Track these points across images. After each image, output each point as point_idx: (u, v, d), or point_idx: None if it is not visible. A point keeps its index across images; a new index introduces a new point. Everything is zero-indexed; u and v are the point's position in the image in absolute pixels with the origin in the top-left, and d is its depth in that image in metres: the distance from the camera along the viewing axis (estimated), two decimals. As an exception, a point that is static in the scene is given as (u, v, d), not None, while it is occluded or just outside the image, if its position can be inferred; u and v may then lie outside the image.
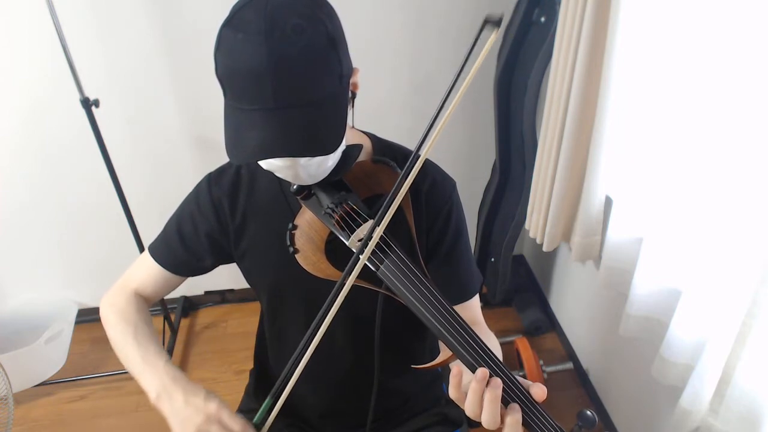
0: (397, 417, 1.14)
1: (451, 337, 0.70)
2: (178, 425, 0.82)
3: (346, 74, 0.75)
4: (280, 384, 0.78)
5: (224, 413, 0.82)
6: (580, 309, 2.06)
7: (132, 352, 0.92)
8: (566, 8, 1.42)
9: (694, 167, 1.20)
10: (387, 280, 0.75)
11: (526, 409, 0.67)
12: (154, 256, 1.00)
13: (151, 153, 2.03)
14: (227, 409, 0.83)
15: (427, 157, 0.75)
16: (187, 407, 0.83)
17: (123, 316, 0.96)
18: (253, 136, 0.69)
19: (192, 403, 0.83)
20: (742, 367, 1.10)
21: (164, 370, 0.88)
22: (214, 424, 0.80)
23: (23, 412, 2.03)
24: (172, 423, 0.83)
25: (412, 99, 2.05)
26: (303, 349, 0.75)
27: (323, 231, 0.83)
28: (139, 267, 1.03)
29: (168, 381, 0.86)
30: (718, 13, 1.09)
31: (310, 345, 0.75)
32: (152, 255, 1.01)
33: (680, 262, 1.27)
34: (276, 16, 0.67)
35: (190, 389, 0.85)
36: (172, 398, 0.84)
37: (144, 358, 0.90)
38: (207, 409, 0.82)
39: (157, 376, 0.87)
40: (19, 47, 1.76)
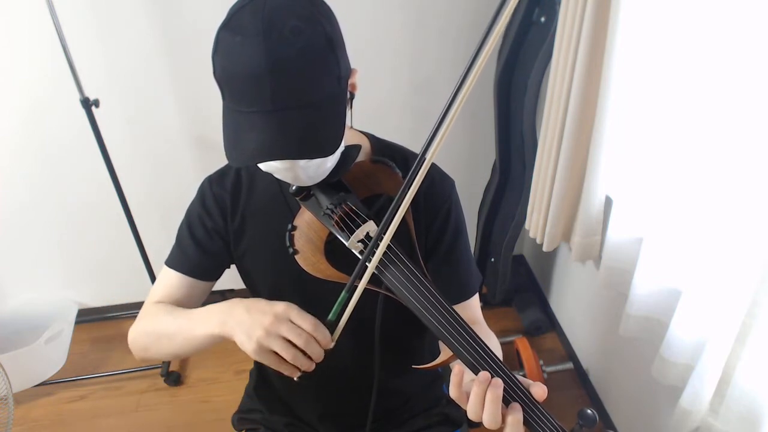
0: (397, 417, 1.14)
1: (451, 338, 0.71)
2: (245, 335, 0.73)
3: (345, 75, 0.75)
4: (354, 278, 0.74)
5: (293, 312, 0.74)
6: (580, 309, 2.06)
7: (174, 324, 0.87)
8: (566, 8, 1.42)
9: (694, 167, 1.19)
10: (387, 281, 0.75)
11: (527, 408, 0.67)
12: (172, 266, 0.97)
13: (151, 153, 2.03)
14: (296, 307, 0.75)
15: None
16: (251, 313, 0.75)
17: (151, 317, 0.93)
18: (251, 138, 0.69)
19: (255, 309, 0.75)
20: (742, 367, 1.10)
21: (215, 306, 0.82)
22: (284, 323, 0.72)
23: (23, 412, 2.03)
24: (239, 338, 0.75)
25: (411, 99, 2.05)
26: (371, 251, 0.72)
27: (322, 232, 0.83)
28: (160, 284, 0.99)
29: (224, 307, 0.80)
30: (718, 13, 1.09)
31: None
32: (170, 266, 0.98)
33: (680, 262, 1.27)
34: (274, 17, 0.67)
35: (250, 301, 0.78)
36: (234, 314, 0.77)
37: (189, 317, 0.85)
38: (274, 309, 0.74)
39: (210, 313, 0.82)
40: (19, 47, 1.76)
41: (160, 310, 0.93)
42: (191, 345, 0.85)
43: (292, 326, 0.72)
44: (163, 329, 0.89)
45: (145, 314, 0.96)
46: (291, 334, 0.72)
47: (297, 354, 0.72)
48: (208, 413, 2.02)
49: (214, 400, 2.06)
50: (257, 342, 0.72)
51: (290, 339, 0.72)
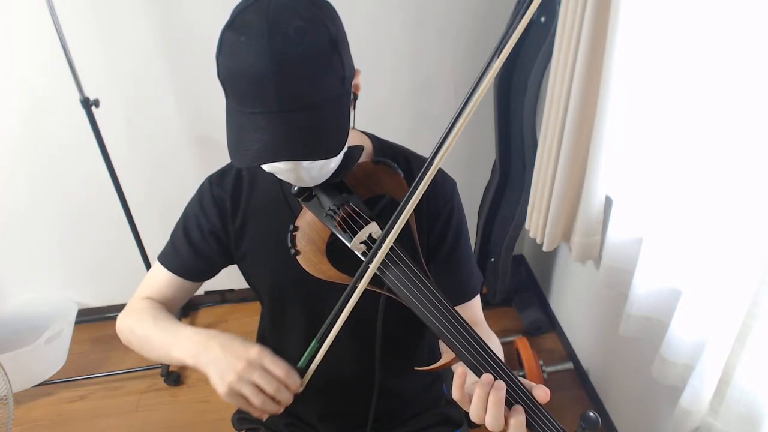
0: (397, 417, 1.14)
1: (453, 339, 0.71)
2: (218, 376, 0.76)
3: (349, 76, 0.75)
4: (326, 328, 0.75)
5: (266, 358, 0.76)
6: (580, 309, 2.06)
7: (156, 335, 0.88)
8: (566, 8, 1.42)
9: (694, 167, 1.20)
10: (389, 281, 0.75)
11: (529, 410, 0.67)
12: (164, 264, 0.99)
13: (151, 153, 2.03)
14: (269, 353, 0.77)
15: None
16: (225, 355, 0.77)
17: (138, 314, 0.94)
18: (255, 139, 0.69)
19: (230, 351, 0.77)
20: (742, 367, 1.10)
21: (194, 332, 0.84)
22: (257, 370, 0.75)
23: (23, 412, 2.03)
24: (211, 376, 0.77)
25: (412, 99, 2.05)
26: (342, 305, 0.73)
27: (324, 232, 0.83)
28: (151, 279, 1.01)
29: (201, 338, 0.81)
30: (718, 13, 1.09)
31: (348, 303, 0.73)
32: (162, 263, 0.99)
33: (680, 262, 1.27)
34: (278, 18, 0.67)
35: (226, 338, 0.80)
36: (209, 350, 0.78)
37: (169, 334, 0.86)
38: (248, 354, 0.76)
39: (188, 340, 0.83)
40: (19, 47, 1.76)
41: (147, 313, 0.93)
42: (169, 361, 0.87)
43: (264, 373, 0.75)
44: (146, 337, 0.91)
45: (134, 310, 0.97)
46: (262, 380, 0.75)
47: (266, 400, 0.75)
48: (208, 413, 2.02)
49: (214, 400, 2.06)
50: (229, 385, 0.75)
51: (261, 386, 0.75)
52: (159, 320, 0.91)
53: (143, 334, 0.91)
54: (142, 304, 0.96)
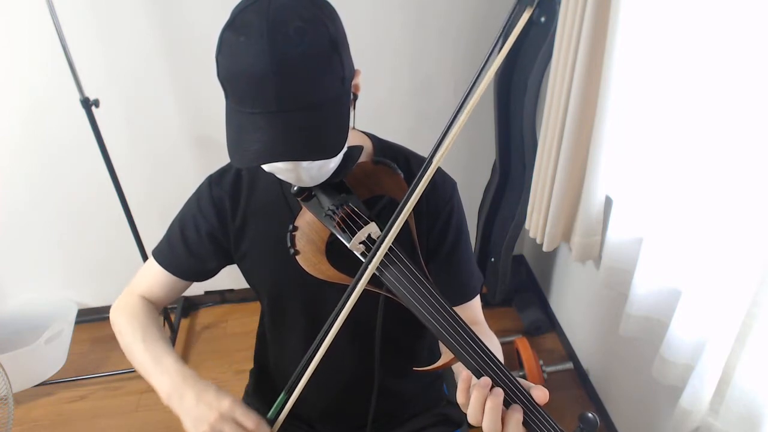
0: (397, 417, 1.14)
1: (452, 340, 0.71)
2: (191, 424, 0.80)
3: (348, 76, 0.75)
4: (294, 380, 0.77)
5: (237, 410, 0.80)
6: (580, 309, 2.06)
7: (141, 353, 0.91)
8: (566, 8, 1.42)
9: (694, 167, 1.20)
10: (389, 283, 0.75)
11: (528, 411, 0.67)
12: (158, 261, 1.00)
13: (151, 153, 2.03)
14: (241, 405, 0.81)
15: None
16: (199, 405, 0.80)
17: (131, 320, 0.96)
18: (255, 139, 0.69)
19: (204, 401, 0.81)
20: (742, 367, 1.10)
21: (174, 369, 0.86)
22: (228, 422, 0.78)
23: (23, 412, 2.03)
24: (184, 422, 0.81)
25: (412, 99, 2.05)
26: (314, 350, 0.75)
27: (324, 232, 0.83)
28: (145, 272, 1.02)
29: (179, 380, 0.84)
30: (718, 13, 1.09)
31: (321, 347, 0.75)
32: (156, 260, 1.00)
33: (680, 262, 1.27)
34: (278, 18, 0.67)
35: (200, 387, 0.83)
36: (183, 397, 0.82)
37: (154, 359, 0.89)
38: (220, 406, 0.79)
39: (167, 375, 0.86)
40: (19, 47, 1.76)
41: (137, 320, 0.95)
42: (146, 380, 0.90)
43: (235, 426, 0.78)
44: (133, 351, 0.93)
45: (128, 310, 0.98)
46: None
47: None
48: (208, 413, 2.02)
49: (214, 400, 2.06)
50: None
51: None
52: (147, 338, 0.93)
53: (130, 347, 0.94)
54: (135, 305, 0.98)
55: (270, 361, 1.14)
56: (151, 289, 1.01)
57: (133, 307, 0.98)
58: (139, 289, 1.02)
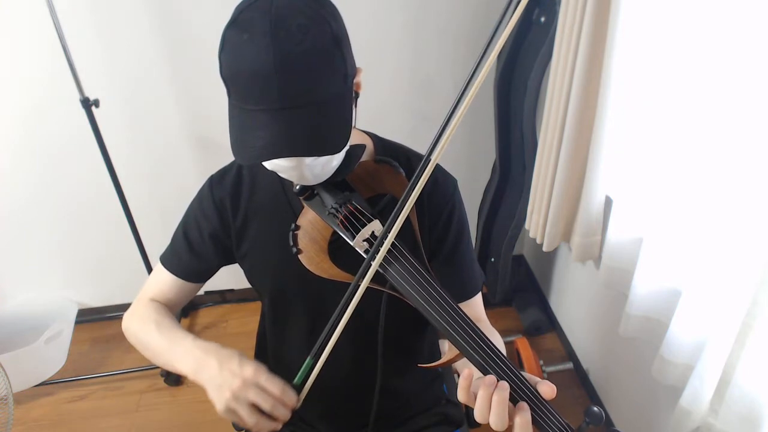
0: (397, 417, 1.14)
1: (458, 336, 0.71)
2: (215, 392, 0.79)
3: (351, 74, 0.75)
4: (320, 344, 0.76)
5: (262, 376, 0.78)
6: (580, 309, 2.06)
7: (158, 343, 0.90)
8: (566, 8, 1.43)
9: (694, 167, 1.20)
10: (393, 280, 0.75)
11: (535, 407, 0.67)
12: (165, 265, 1.00)
13: (151, 153, 2.03)
14: (264, 371, 0.79)
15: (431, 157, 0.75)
16: (222, 373, 0.79)
17: (142, 319, 0.96)
18: (259, 136, 0.69)
19: (227, 368, 0.79)
20: (742, 367, 1.10)
21: (194, 345, 0.85)
22: (252, 388, 0.77)
23: (23, 412, 2.03)
24: (209, 391, 0.80)
25: (412, 99, 2.06)
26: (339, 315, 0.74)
27: (326, 231, 0.83)
28: (154, 279, 1.03)
29: (200, 353, 0.83)
30: (718, 13, 1.09)
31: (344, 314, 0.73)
32: (163, 264, 1.01)
33: (680, 262, 1.27)
34: (281, 16, 0.67)
35: (224, 355, 0.81)
36: (207, 367, 0.81)
37: (171, 343, 0.88)
38: (243, 373, 0.78)
39: (188, 353, 0.85)
40: (19, 47, 1.76)
41: (151, 318, 0.95)
42: (170, 369, 0.89)
43: (260, 391, 0.77)
44: (149, 343, 0.93)
45: (138, 313, 0.98)
46: (258, 398, 0.76)
47: (260, 420, 0.77)
48: (208, 413, 2.02)
49: (214, 400, 2.06)
50: (225, 404, 0.77)
51: (257, 404, 0.77)
52: (162, 328, 0.92)
53: (146, 341, 0.94)
54: (147, 307, 0.98)
55: (270, 360, 1.14)
56: (162, 294, 1.01)
57: (143, 310, 0.98)
58: (149, 295, 1.02)
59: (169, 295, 1.01)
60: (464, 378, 0.68)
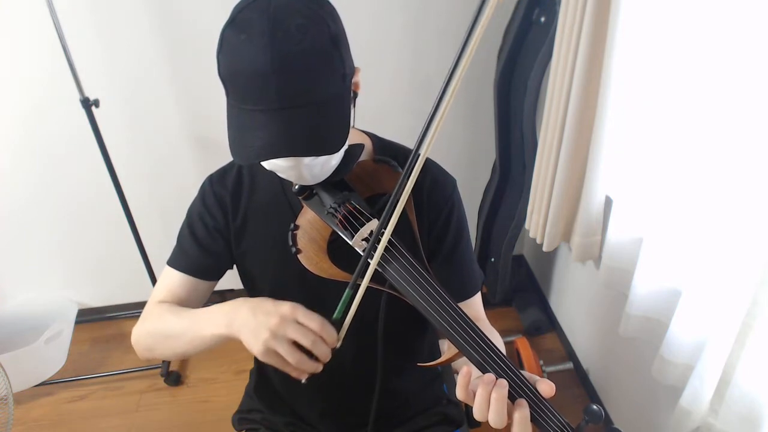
0: (397, 416, 1.14)
1: (457, 335, 0.70)
2: (252, 336, 0.73)
3: (349, 73, 0.75)
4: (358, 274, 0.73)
5: (299, 312, 0.73)
6: (580, 309, 2.06)
7: (179, 324, 0.87)
8: (566, 8, 1.43)
9: (694, 167, 1.20)
10: (392, 279, 0.75)
11: (534, 405, 0.67)
12: (173, 266, 0.98)
13: (151, 153, 2.03)
14: (302, 307, 0.74)
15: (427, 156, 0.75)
16: (256, 315, 0.74)
17: (156, 317, 0.93)
18: (257, 136, 0.69)
19: (261, 309, 0.75)
20: (742, 367, 1.10)
21: (219, 306, 0.82)
22: (291, 324, 0.72)
23: (23, 412, 2.03)
24: (244, 337, 0.75)
25: (412, 99, 2.06)
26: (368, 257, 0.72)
27: (325, 231, 0.83)
28: (162, 283, 0.99)
29: (228, 308, 0.80)
30: (718, 13, 1.09)
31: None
32: (171, 265, 0.98)
33: (680, 262, 1.27)
34: (279, 16, 0.67)
35: (255, 301, 0.77)
36: (240, 315, 0.77)
37: (194, 317, 0.85)
38: (280, 310, 0.73)
39: (216, 314, 0.81)
40: (19, 47, 1.76)
41: (164, 310, 0.92)
42: (197, 345, 0.85)
43: (299, 327, 0.72)
44: (169, 329, 0.89)
45: (149, 314, 0.95)
46: (297, 334, 0.72)
47: (302, 358, 0.72)
48: (208, 413, 2.02)
49: (214, 400, 2.06)
50: (264, 344, 0.72)
51: (297, 340, 0.72)
52: (178, 312, 0.90)
53: (164, 328, 0.90)
54: (157, 307, 0.95)
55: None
56: (171, 295, 0.97)
57: (153, 311, 0.95)
58: (157, 299, 0.98)
59: (180, 295, 0.97)
60: (463, 376, 0.68)
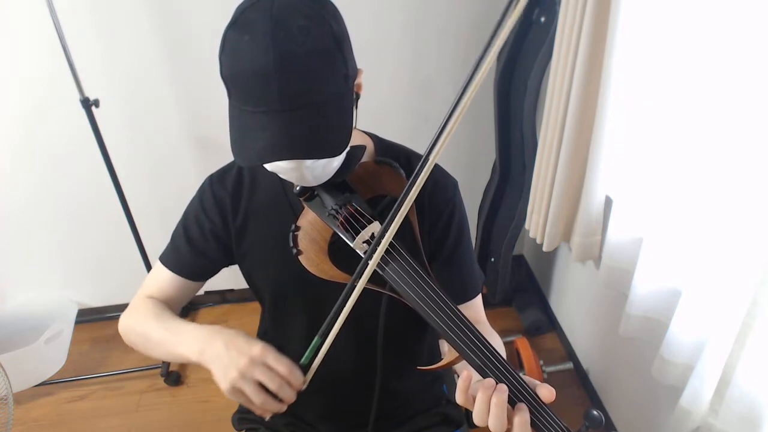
0: (397, 417, 1.14)
1: (457, 339, 0.70)
2: (221, 372, 0.76)
3: (352, 75, 0.75)
4: (329, 322, 0.75)
5: (269, 355, 0.76)
6: (580, 309, 2.06)
7: (159, 333, 0.88)
8: (566, 8, 1.43)
9: (694, 167, 1.20)
10: (392, 281, 0.75)
11: (534, 409, 0.67)
12: (165, 264, 0.99)
13: (151, 153, 2.03)
14: (272, 350, 0.77)
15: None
16: (228, 351, 0.77)
17: (140, 314, 0.94)
18: (259, 138, 0.69)
19: (233, 346, 0.77)
20: (742, 367, 1.10)
21: (197, 328, 0.84)
22: (259, 367, 0.75)
23: (23, 412, 2.03)
24: (214, 372, 0.77)
25: (412, 99, 2.06)
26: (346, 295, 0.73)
27: (326, 232, 0.83)
28: (153, 277, 1.01)
29: (204, 334, 0.81)
30: (718, 12, 1.09)
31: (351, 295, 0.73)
32: (163, 263, 0.99)
33: (680, 262, 1.27)
34: (281, 17, 0.67)
35: (229, 334, 0.79)
36: (213, 347, 0.78)
37: (173, 331, 0.86)
38: (251, 351, 0.75)
39: (191, 336, 0.83)
40: (19, 47, 1.76)
41: (150, 310, 0.94)
42: (172, 359, 0.88)
43: (266, 370, 0.75)
44: (150, 335, 0.91)
45: (136, 308, 0.97)
46: (265, 377, 0.75)
47: (267, 399, 0.76)
48: (208, 413, 2.02)
49: (214, 400, 2.06)
50: (231, 383, 0.75)
51: (264, 383, 0.75)
52: (162, 318, 0.91)
53: (145, 331, 0.92)
54: (144, 303, 0.97)
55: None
56: (160, 292, 1.00)
57: (141, 306, 0.97)
58: (147, 293, 1.01)
59: (168, 292, 0.99)
60: (463, 380, 0.68)
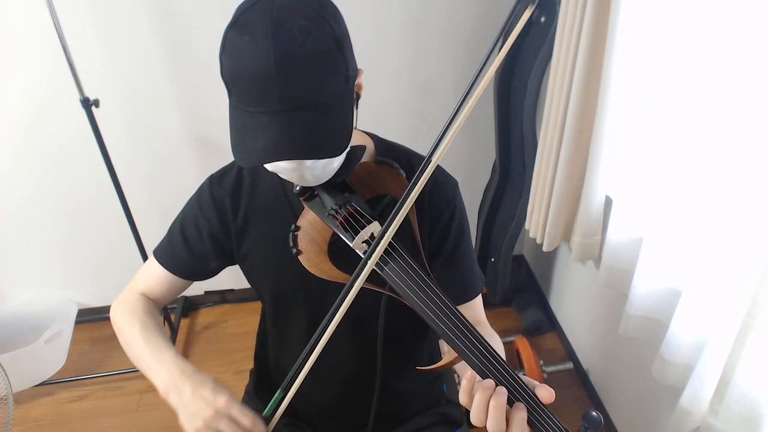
0: (397, 417, 1.14)
1: (456, 339, 0.70)
2: (187, 419, 0.80)
3: (352, 75, 0.75)
4: (291, 377, 0.77)
5: (234, 408, 0.79)
6: (580, 309, 2.06)
7: (140, 347, 0.90)
8: (566, 8, 1.43)
9: (694, 167, 1.20)
10: (391, 281, 0.75)
11: (532, 410, 0.67)
12: (158, 260, 1.00)
13: (151, 153, 2.03)
14: (237, 402, 0.80)
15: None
16: (195, 400, 0.80)
17: (130, 316, 0.96)
18: (259, 138, 0.69)
19: (200, 396, 0.80)
20: (742, 367, 1.10)
21: (172, 362, 0.86)
22: (224, 419, 0.78)
23: (23, 412, 2.03)
24: (180, 416, 0.81)
25: (412, 99, 2.06)
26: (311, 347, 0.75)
27: (326, 232, 0.83)
28: (146, 271, 1.03)
29: (176, 374, 0.84)
30: (718, 12, 1.09)
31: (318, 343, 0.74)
32: (157, 259, 1.00)
33: (680, 262, 1.27)
34: (282, 17, 0.67)
35: (198, 381, 0.82)
36: (181, 391, 0.82)
37: (152, 353, 0.89)
38: (216, 402, 0.79)
39: (165, 369, 0.85)
40: (19, 47, 1.76)
41: (137, 317, 0.95)
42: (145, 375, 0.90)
43: (230, 423, 0.78)
44: (132, 344, 0.93)
45: (126, 304, 0.99)
46: (228, 430, 0.78)
47: None
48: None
49: (214, 400, 2.06)
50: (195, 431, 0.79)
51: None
52: (146, 331, 0.93)
53: (129, 340, 0.94)
54: (134, 302, 0.99)
55: (271, 360, 1.14)
56: (152, 288, 1.02)
57: (132, 304, 0.98)
58: (140, 287, 1.02)
59: (161, 289, 1.01)
60: (467, 380, 0.68)
